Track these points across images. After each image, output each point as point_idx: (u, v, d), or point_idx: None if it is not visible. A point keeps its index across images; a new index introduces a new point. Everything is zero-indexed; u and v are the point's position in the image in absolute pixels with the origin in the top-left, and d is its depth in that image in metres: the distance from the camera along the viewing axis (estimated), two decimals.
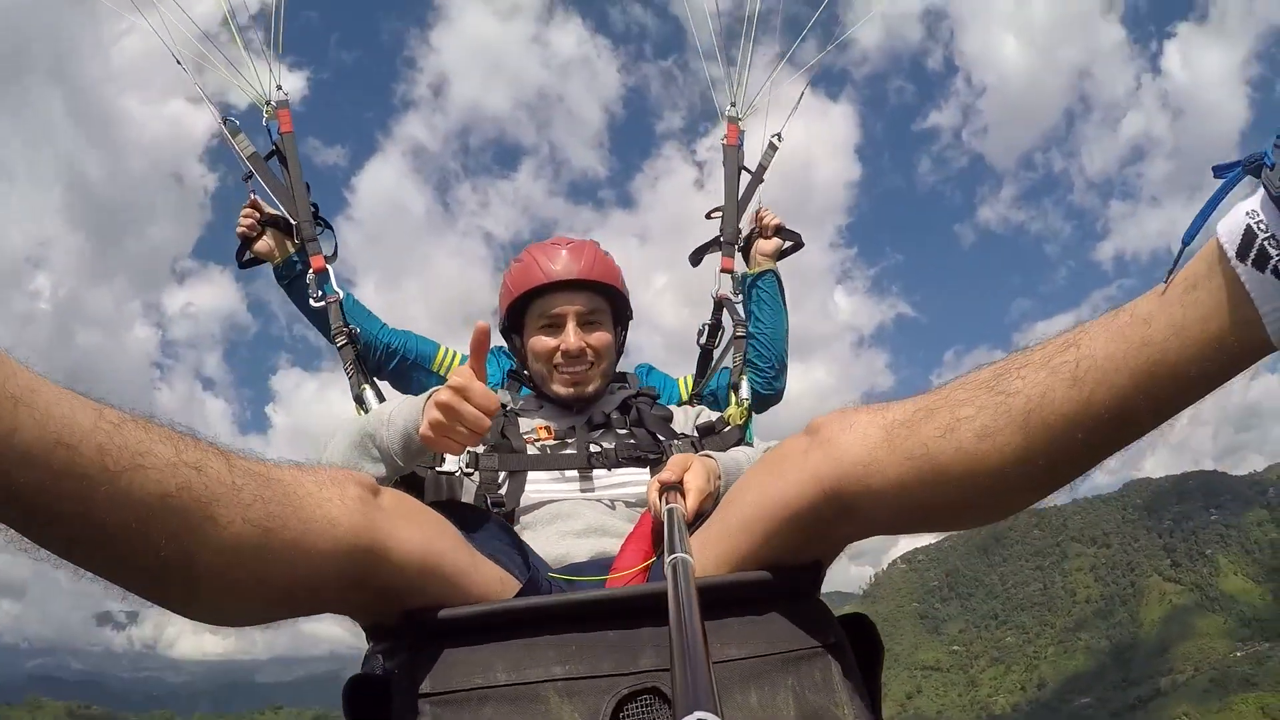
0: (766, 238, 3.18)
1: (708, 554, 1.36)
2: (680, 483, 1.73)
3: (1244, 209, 0.95)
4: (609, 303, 2.43)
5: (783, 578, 1.33)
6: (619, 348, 2.52)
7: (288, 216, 2.92)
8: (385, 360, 2.86)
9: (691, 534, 1.46)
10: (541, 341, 2.34)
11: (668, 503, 1.58)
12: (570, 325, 2.33)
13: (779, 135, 3.42)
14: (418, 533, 1.25)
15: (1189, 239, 1.00)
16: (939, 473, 1.13)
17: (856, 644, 1.34)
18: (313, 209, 2.92)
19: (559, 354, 2.32)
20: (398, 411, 1.85)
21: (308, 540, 1.07)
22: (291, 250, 2.91)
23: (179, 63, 3.02)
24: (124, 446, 0.91)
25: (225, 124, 3.03)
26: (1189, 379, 1.00)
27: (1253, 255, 0.93)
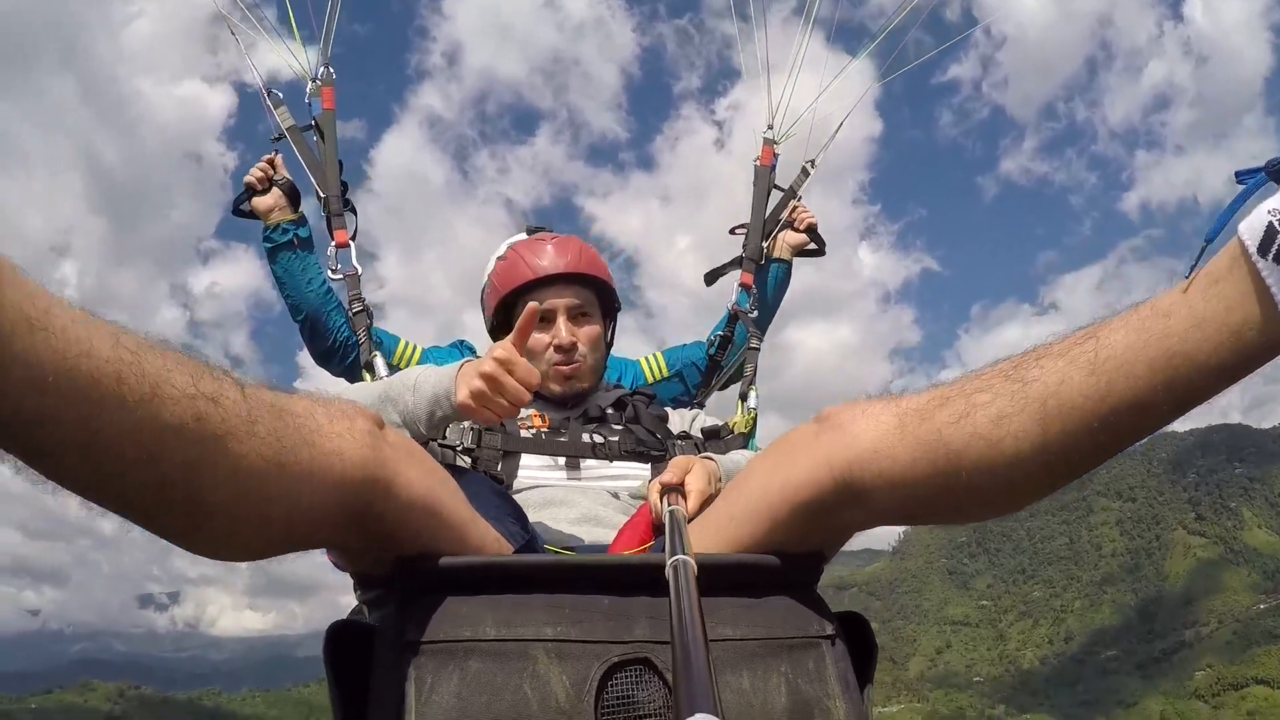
0: (796, 230, 3.23)
1: (707, 537, 1.37)
2: (681, 484, 1.71)
3: (1267, 207, 0.96)
4: (597, 295, 2.42)
5: (784, 564, 1.34)
6: (609, 340, 2.54)
7: (314, 186, 2.94)
8: (345, 350, 2.82)
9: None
10: (539, 337, 2.29)
11: (669, 504, 1.53)
12: (561, 319, 2.31)
13: (813, 162, 3.40)
14: (423, 476, 1.23)
15: (1212, 237, 1.01)
16: (953, 459, 1.11)
17: (851, 643, 1.33)
18: (341, 187, 2.94)
19: (551, 349, 2.29)
20: (424, 379, 1.83)
21: (316, 473, 1.04)
22: (290, 217, 2.86)
23: (234, 34, 3.08)
24: (142, 375, 0.87)
25: (269, 95, 3.04)
26: (1209, 370, 1.00)
27: (1274, 250, 0.94)
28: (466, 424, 2.12)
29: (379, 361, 2.63)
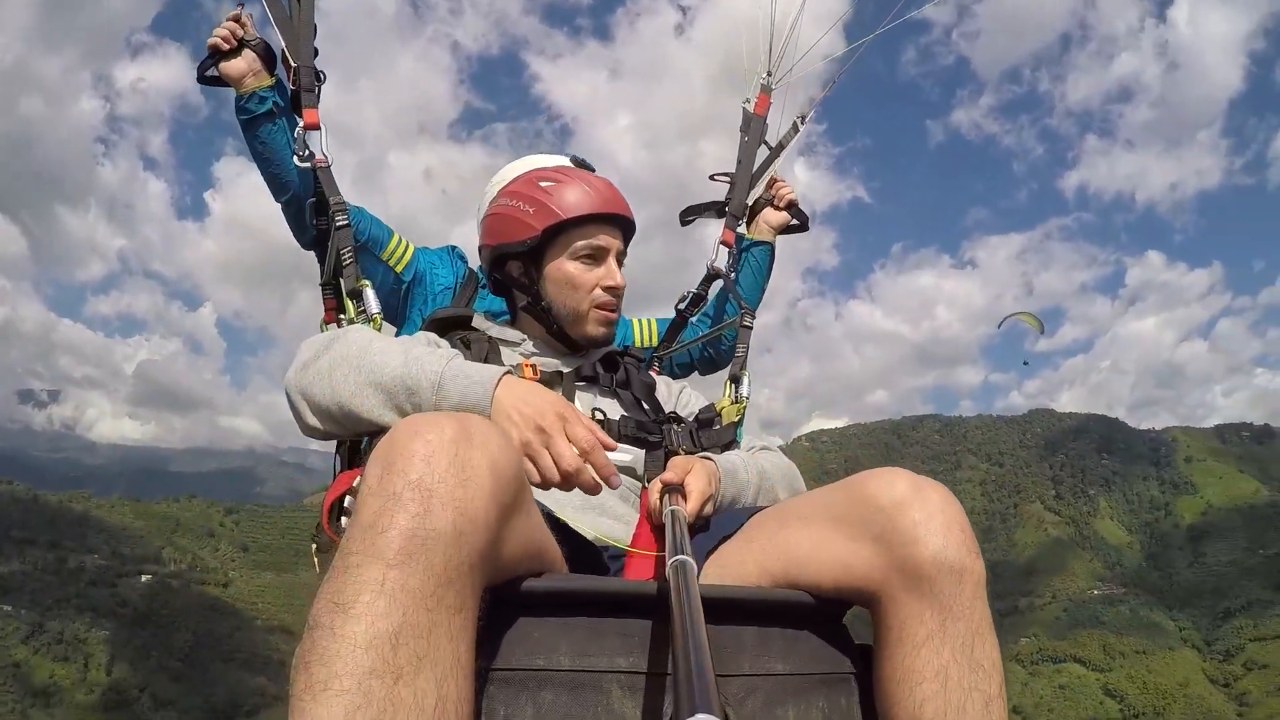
0: (777, 208, 3.12)
1: (750, 564, 1.50)
2: (682, 484, 1.70)
3: None
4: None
5: (817, 601, 1.38)
6: None
7: (281, 51, 2.54)
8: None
9: (693, 536, 1.52)
10: (584, 273, 2.11)
11: (670, 504, 1.55)
12: (612, 260, 2.15)
13: (803, 118, 3.28)
14: (527, 525, 1.23)
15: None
16: None
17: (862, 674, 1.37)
18: (314, 55, 2.54)
19: (599, 289, 2.12)
20: (450, 379, 1.62)
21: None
22: (268, 83, 2.52)
23: None
24: None
25: None
26: None
27: None
28: None
29: (369, 293, 2.29)
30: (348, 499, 1.50)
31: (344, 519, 1.52)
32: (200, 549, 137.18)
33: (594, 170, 2.39)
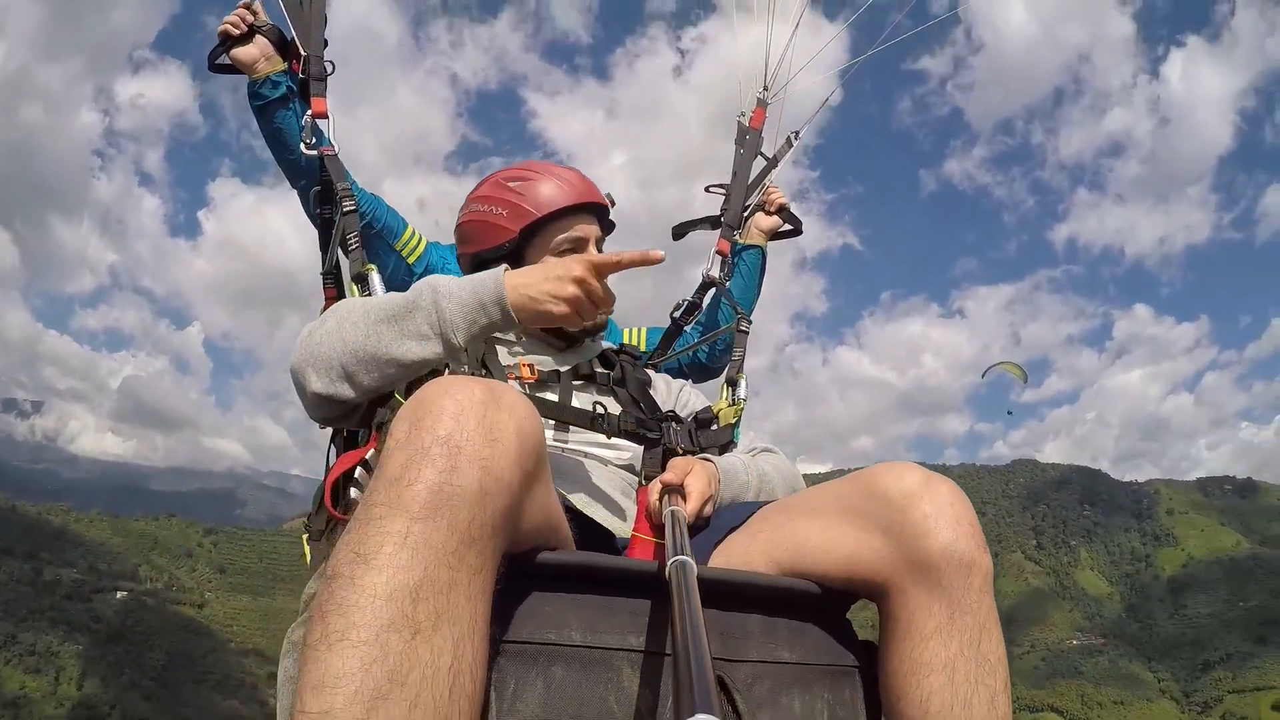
0: (768, 213, 3.17)
1: (756, 553, 1.53)
2: (682, 485, 1.70)
3: None
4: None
5: (824, 591, 1.40)
6: None
7: (295, 39, 2.50)
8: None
9: (693, 537, 1.53)
10: None
11: (670, 504, 1.56)
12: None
13: (797, 133, 3.33)
14: (545, 491, 1.26)
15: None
16: None
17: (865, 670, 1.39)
18: (324, 45, 2.53)
19: None
20: (447, 284, 1.67)
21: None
22: (281, 68, 2.51)
23: None
24: None
25: None
26: None
27: None
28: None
29: (374, 277, 2.23)
30: (359, 470, 1.58)
31: (349, 502, 1.55)
32: (177, 568, 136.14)
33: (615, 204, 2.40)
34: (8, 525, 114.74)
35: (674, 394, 2.32)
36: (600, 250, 2.19)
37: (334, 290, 2.32)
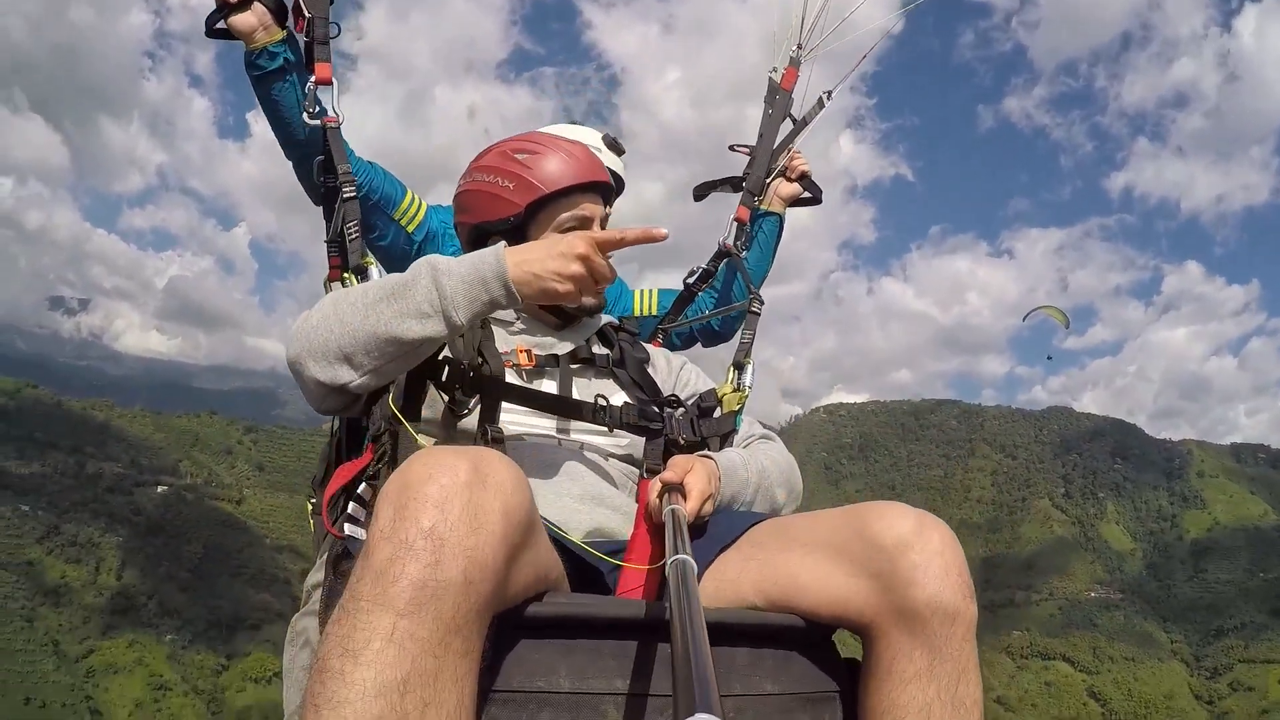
0: (789, 179, 3.11)
1: (746, 583, 1.54)
2: (681, 484, 1.70)
3: None
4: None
5: (807, 625, 1.44)
6: None
7: (298, 1, 2.41)
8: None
9: (693, 536, 1.54)
10: None
11: (669, 503, 1.56)
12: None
13: (829, 93, 3.16)
14: (535, 558, 1.26)
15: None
16: None
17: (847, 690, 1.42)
18: (328, 4, 2.43)
19: None
20: (444, 262, 1.64)
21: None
22: (278, 37, 2.39)
23: None
24: None
25: None
26: None
27: None
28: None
29: (374, 270, 2.19)
30: (358, 488, 1.60)
31: (345, 521, 1.55)
32: (217, 465, 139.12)
33: (625, 152, 2.32)
34: (53, 420, 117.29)
35: (674, 373, 2.27)
36: (604, 227, 2.11)
37: (338, 259, 2.25)
